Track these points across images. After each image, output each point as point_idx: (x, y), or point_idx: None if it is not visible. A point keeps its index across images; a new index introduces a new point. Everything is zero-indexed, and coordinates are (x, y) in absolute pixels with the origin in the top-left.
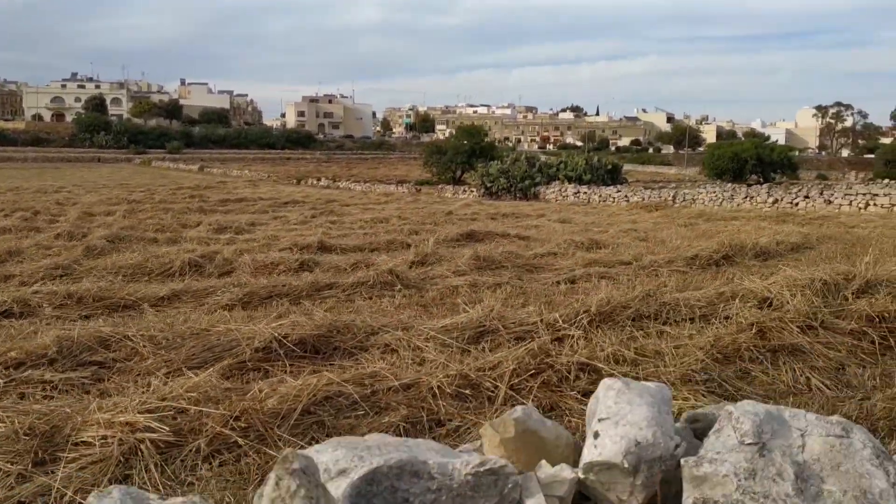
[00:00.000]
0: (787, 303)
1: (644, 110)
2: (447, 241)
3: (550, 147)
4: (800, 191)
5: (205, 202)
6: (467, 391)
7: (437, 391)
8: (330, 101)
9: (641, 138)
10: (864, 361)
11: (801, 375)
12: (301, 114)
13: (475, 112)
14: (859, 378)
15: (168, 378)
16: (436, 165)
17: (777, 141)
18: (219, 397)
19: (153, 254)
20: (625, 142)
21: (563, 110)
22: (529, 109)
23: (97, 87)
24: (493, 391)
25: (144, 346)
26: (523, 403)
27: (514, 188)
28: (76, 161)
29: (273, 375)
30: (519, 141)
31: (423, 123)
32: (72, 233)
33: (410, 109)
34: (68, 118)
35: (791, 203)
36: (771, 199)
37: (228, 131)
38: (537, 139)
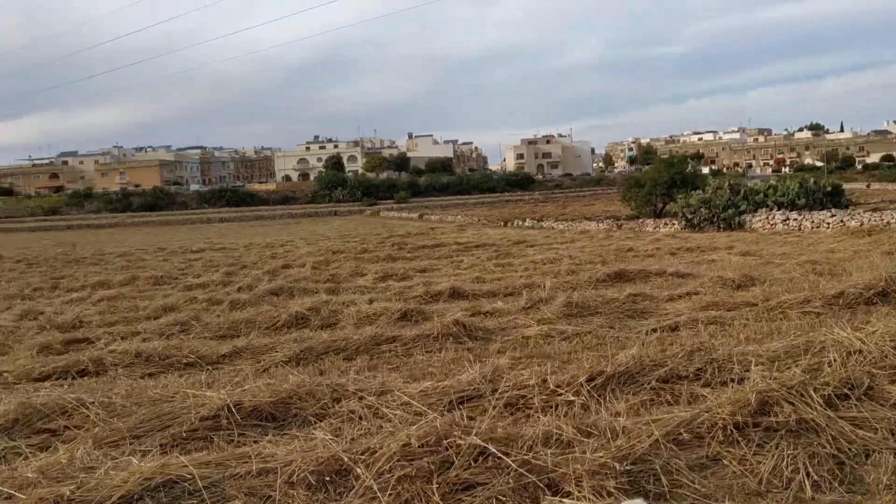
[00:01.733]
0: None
1: None
2: (590, 283)
3: (786, 170)
4: None
5: (402, 249)
6: (328, 478)
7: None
8: (548, 142)
9: (895, 153)
10: None
11: (788, 466)
12: (520, 156)
13: (700, 139)
14: (877, 473)
15: (103, 449)
16: (634, 199)
17: None
18: (61, 479)
19: (274, 304)
20: (874, 158)
21: (800, 129)
22: (762, 132)
23: (335, 146)
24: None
25: (98, 414)
26: (378, 497)
27: (717, 218)
28: (315, 215)
29: (217, 447)
30: (750, 166)
31: (646, 155)
32: (251, 286)
33: (633, 142)
34: (311, 177)
35: None
36: None
37: (451, 178)
38: (771, 162)
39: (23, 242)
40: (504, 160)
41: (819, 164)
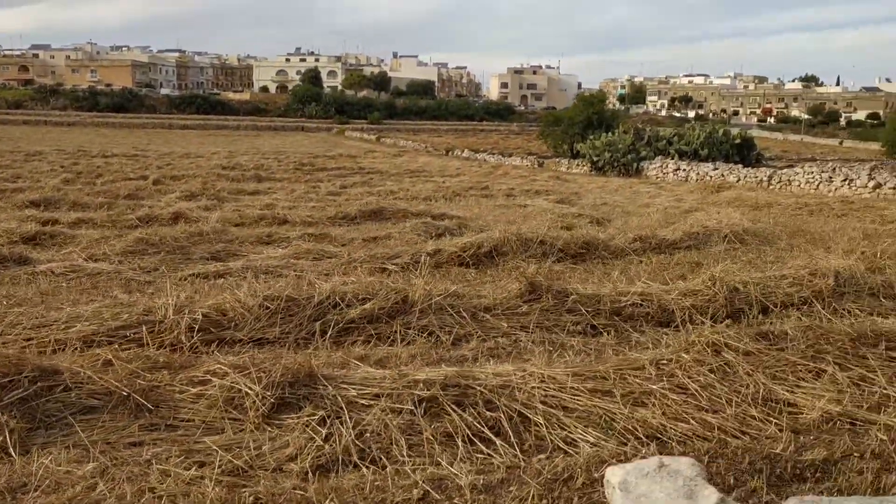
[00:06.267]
0: None
1: (888, 80)
2: (340, 219)
3: (771, 121)
4: None
5: (299, 170)
6: None
7: None
8: (534, 73)
9: (882, 111)
10: None
11: None
12: (504, 85)
13: (690, 82)
14: None
15: None
16: (551, 137)
17: None
18: None
19: None
20: (860, 115)
21: (793, 80)
22: (760, 80)
23: (316, 60)
24: None
25: None
26: None
27: (618, 163)
28: (281, 129)
29: None
30: (736, 113)
31: (636, 95)
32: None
33: (627, 80)
34: (289, 89)
35: None
36: (872, 184)
37: (430, 103)
38: (758, 111)
39: None
40: (488, 88)
41: (806, 116)
